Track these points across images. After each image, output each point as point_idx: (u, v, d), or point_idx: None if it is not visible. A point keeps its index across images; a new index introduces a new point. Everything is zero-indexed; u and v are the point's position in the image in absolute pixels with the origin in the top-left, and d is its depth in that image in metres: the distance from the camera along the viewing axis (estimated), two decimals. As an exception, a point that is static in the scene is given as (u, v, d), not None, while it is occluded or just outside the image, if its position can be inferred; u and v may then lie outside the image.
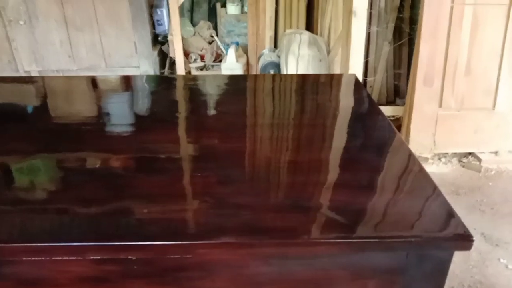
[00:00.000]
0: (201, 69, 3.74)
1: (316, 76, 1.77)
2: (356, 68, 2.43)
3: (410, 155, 1.03)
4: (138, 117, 1.30)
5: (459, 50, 2.43)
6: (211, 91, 1.48)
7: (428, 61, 2.45)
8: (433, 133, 2.61)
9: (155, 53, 3.64)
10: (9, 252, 0.77)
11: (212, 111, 1.32)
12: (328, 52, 3.00)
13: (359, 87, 1.44)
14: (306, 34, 2.84)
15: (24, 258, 0.78)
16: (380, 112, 1.24)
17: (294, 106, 1.35)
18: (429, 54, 2.44)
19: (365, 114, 1.29)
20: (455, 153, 2.73)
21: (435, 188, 0.91)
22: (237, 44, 3.51)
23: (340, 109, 1.32)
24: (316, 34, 3.15)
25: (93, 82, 1.59)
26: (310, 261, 0.83)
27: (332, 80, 1.56)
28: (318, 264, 0.83)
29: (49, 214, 0.84)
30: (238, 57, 3.28)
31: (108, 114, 1.29)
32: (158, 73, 3.68)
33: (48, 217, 0.83)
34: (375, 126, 1.21)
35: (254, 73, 3.46)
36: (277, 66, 2.83)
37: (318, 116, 1.26)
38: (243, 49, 3.64)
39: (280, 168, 1.00)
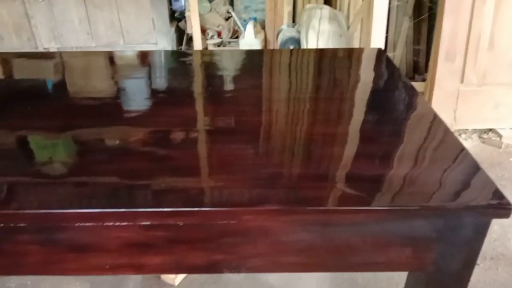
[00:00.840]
0: (218, 46, 3.74)
1: (343, 51, 1.77)
2: (377, 43, 2.42)
3: (446, 128, 1.05)
4: (171, 91, 1.32)
5: (483, 25, 2.40)
6: (237, 66, 1.49)
7: (451, 36, 2.43)
8: (454, 109, 2.60)
9: (173, 29, 3.64)
10: (64, 218, 0.80)
11: (241, 85, 1.34)
12: (348, 27, 2.98)
13: (389, 62, 1.45)
14: (327, 9, 2.82)
15: (77, 224, 0.82)
16: (413, 87, 1.25)
17: (326, 80, 1.36)
18: (452, 29, 2.41)
19: (400, 89, 1.30)
20: (475, 129, 2.72)
21: (471, 158, 0.93)
22: (255, 20, 3.50)
23: (375, 83, 1.33)
24: (335, 9, 3.12)
25: (118, 57, 1.62)
26: (348, 228, 0.86)
27: (360, 54, 1.56)
28: (355, 231, 0.86)
29: (98, 183, 0.87)
30: (256, 33, 3.27)
31: (146, 88, 1.32)
32: (175, 50, 3.69)
33: (98, 186, 0.86)
34: (410, 100, 1.22)
35: (272, 48, 3.45)
36: (297, 41, 2.82)
37: (354, 90, 1.28)
38: (261, 25, 3.63)
39: (316, 140, 1.02)
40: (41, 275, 1.02)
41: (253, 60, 1.54)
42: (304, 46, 2.71)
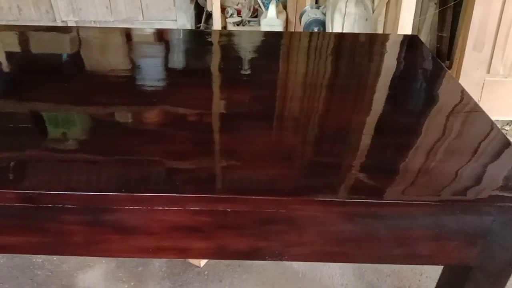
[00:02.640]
0: (238, 24, 3.68)
1: (379, 36, 1.74)
2: (405, 28, 2.37)
3: (491, 122, 1.03)
4: (206, 73, 1.30)
5: (514, 14, 2.35)
6: (270, 49, 1.47)
7: (480, 25, 2.38)
8: (478, 99, 2.56)
9: (192, 6, 3.59)
10: (114, 201, 0.80)
11: (279, 70, 1.32)
12: (372, 11, 2.92)
13: (426, 49, 1.42)
14: (352, -8, 2.76)
15: (126, 207, 0.81)
16: (451, 76, 1.23)
17: (365, 67, 1.33)
18: (482, 18, 2.36)
19: (440, 78, 1.28)
20: (497, 120, 2.69)
21: (521, 155, 0.91)
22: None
23: (418, 74, 1.30)
24: (360, -8, 3.06)
25: (138, 35, 1.60)
26: (396, 220, 0.85)
27: (397, 41, 1.53)
28: (401, 224, 0.85)
29: (146, 165, 0.86)
30: (278, 13, 3.22)
31: (174, 69, 1.30)
32: (194, 27, 3.65)
33: (146, 168, 0.85)
34: (453, 91, 1.20)
35: (293, 30, 3.40)
36: (321, 23, 2.77)
37: (394, 78, 1.26)
38: (282, 5, 3.57)
39: (362, 130, 1.00)
40: (84, 256, 1.02)
41: (288, 43, 1.52)
42: (329, 28, 2.66)
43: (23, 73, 1.24)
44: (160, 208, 0.81)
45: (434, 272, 1.58)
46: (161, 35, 1.58)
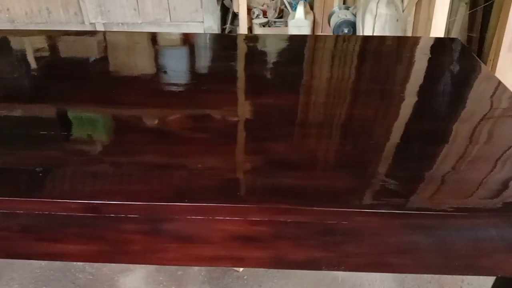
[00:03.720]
0: (264, 25, 3.68)
1: (414, 39, 1.72)
2: (438, 30, 2.34)
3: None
4: (244, 79, 1.30)
5: (551, 15, 2.31)
6: (306, 53, 1.46)
7: (516, 26, 2.34)
8: (513, 101, 2.52)
9: (218, 7, 3.60)
10: (176, 211, 0.80)
11: (320, 74, 1.31)
12: (402, 11, 2.89)
13: (470, 53, 1.40)
14: (383, -8, 2.73)
15: (187, 217, 0.81)
16: (500, 81, 1.21)
17: (415, 72, 1.32)
18: (518, 18, 2.32)
19: (490, 84, 1.26)
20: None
21: None
22: (305, 0, 3.43)
23: (463, 78, 1.29)
24: (389, -8, 3.03)
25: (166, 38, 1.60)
26: (458, 232, 0.83)
27: (440, 45, 1.51)
28: (465, 235, 0.84)
29: (206, 175, 0.86)
30: (305, 14, 3.20)
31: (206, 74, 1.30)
32: (220, 29, 3.66)
33: (207, 178, 0.85)
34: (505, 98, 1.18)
35: (320, 31, 3.39)
36: (351, 24, 2.75)
37: (447, 84, 1.24)
38: (309, 6, 3.56)
39: (421, 138, 0.99)
40: (141, 264, 1.03)
41: (323, 48, 1.50)
42: (359, 30, 2.64)
43: (69, 82, 1.25)
44: (221, 218, 0.81)
45: (475, 279, 1.56)
46: (193, 39, 1.59)
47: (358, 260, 0.88)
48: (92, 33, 1.74)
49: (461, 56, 1.41)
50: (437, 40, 1.61)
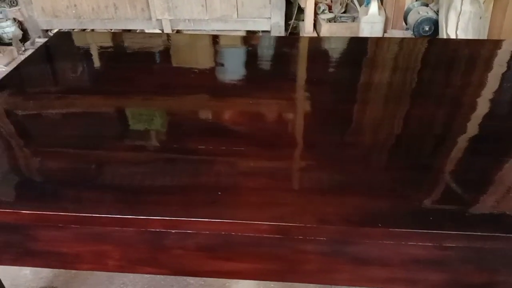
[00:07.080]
0: (330, 21, 3.63)
1: None
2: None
3: None
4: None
5: None
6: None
7: None
8: None
9: (284, 3, 3.56)
10: (368, 235, 0.79)
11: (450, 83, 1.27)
12: (483, 8, 2.79)
13: None
14: (467, -12, 2.64)
15: (375, 241, 0.80)
16: None
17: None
18: None
19: None
20: None
21: None
22: (376, -4, 3.35)
23: None
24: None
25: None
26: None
27: None
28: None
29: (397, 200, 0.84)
30: (378, 10, 3.14)
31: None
32: (284, 24, 3.62)
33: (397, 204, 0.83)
34: None
35: (391, 27, 3.31)
36: (433, 22, 2.68)
37: None
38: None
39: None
40: (312, 283, 1.03)
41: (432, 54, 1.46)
42: (443, 27, 2.57)
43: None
44: (412, 243, 0.79)
45: None
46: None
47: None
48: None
49: None
50: None
